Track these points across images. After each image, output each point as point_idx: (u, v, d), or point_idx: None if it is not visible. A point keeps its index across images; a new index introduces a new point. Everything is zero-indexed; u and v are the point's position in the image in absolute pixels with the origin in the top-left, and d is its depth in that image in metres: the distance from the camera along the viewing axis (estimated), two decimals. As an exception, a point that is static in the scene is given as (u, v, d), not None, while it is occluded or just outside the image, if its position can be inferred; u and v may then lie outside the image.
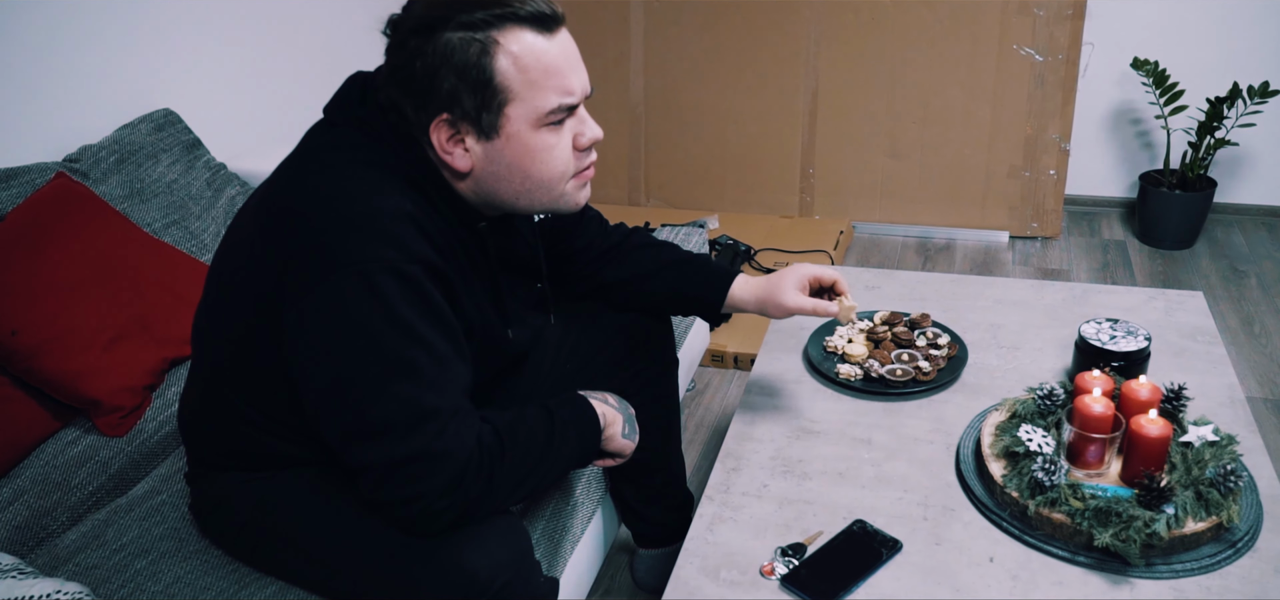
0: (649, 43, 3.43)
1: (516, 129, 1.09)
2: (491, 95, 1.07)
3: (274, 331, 1.07)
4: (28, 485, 1.48)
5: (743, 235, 3.22)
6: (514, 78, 1.07)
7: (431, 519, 1.03)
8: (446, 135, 1.10)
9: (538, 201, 1.16)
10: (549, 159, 1.12)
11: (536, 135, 1.11)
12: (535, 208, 1.17)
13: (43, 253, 1.73)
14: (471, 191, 1.15)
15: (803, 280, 1.40)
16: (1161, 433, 1.17)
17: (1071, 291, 1.79)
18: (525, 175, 1.13)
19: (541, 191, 1.15)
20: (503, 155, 1.11)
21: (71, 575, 1.29)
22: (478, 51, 1.05)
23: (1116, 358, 1.42)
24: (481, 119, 1.08)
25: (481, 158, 1.11)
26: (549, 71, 1.08)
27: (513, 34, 1.07)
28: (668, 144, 3.52)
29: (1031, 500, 1.17)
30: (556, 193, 1.16)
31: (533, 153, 1.11)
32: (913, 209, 3.33)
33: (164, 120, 2.34)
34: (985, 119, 3.18)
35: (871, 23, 3.19)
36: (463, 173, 1.12)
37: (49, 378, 1.61)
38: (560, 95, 1.10)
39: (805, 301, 1.39)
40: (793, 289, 1.40)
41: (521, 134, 1.10)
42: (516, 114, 1.09)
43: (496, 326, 1.24)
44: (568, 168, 1.15)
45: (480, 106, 1.07)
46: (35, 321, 1.62)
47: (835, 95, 3.30)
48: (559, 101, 1.10)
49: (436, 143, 1.10)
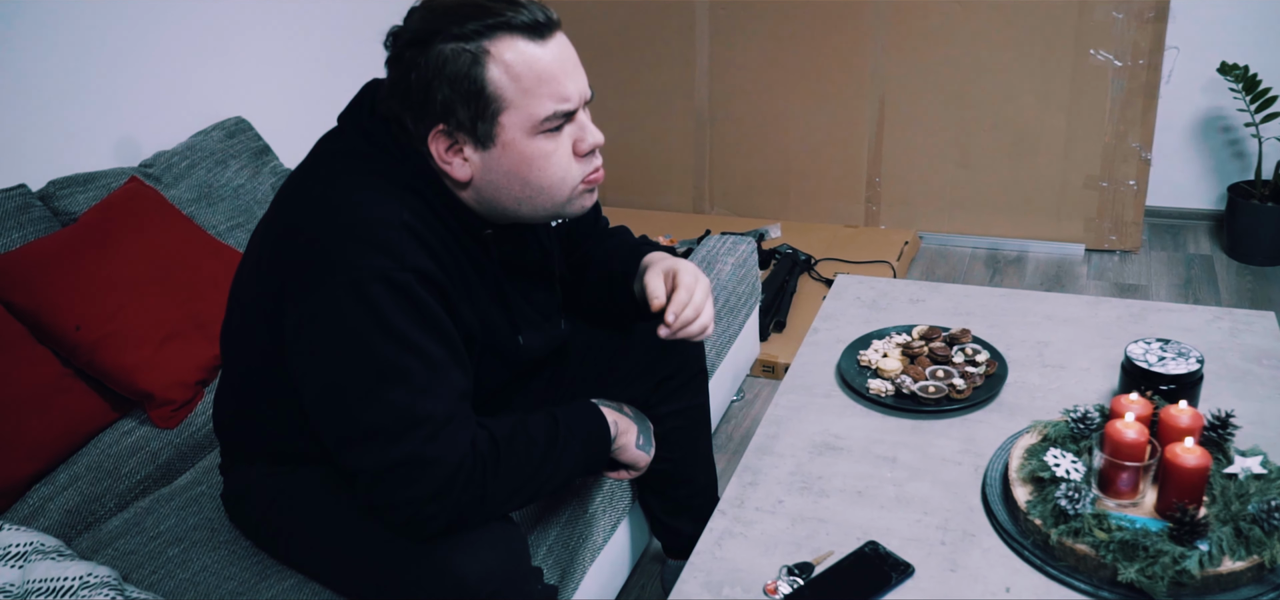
0: (714, 49, 3.41)
1: (512, 137, 1.10)
2: (485, 104, 1.08)
3: (280, 337, 1.11)
4: (82, 472, 1.56)
5: (805, 244, 3.18)
6: (507, 86, 1.08)
7: (422, 524, 1.04)
8: (444, 145, 1.11)
9: (541, 208, 1.16)
10: (547, 165, 1.12)
11: (533, 142, 1.11)
12: (539, 214, 1.17)
13: (109, 252, 1.82)
14: (474, 200, 1.16)
15: (670, 273, 1.30)
16: (1199, 463, 1.10)
17: (1129, 309, 1.70)
18: (524, 183, 1.13)
19: (542, 197, 1.15)
20: (500, 164, 1.11)
21: (109, 559, 1.35)
22: (469, 62, 1.06)
23: (1165, 380, 1.34)
24: (477, 129, 1.09)
25: (480, 167, 1.12)
26: (542, 78, 1.09)
27: (505, 43, 1.07)
28: (732, 151, 3.50)
29: (1054, 529, 1.12)
30: (558, 198, 1.16)
31: (530, 160, 1.11)
32: (983, 219, 3.23)
33: (235, 127, 2.44)
34: (1060, 127, 3.06)
35: (941, 28, 3.10)
36: (463, 182, 1.14)
37: (108, 371, 1.69)
38: (555, 102, 1.10)
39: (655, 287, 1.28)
40: (657, 275, 1.30)
41: (517, 142, 1.10)
42: (511, 122, 1.09)
43: (504, 333, 1.25)
44: (568, 173, 1.14)
45: (475, 116, 1.08)
46: (97, 317, 1.71)
47: (903, 102, 3.22)
48: (554, 108, 1.10)
49: (435, 153, 1.11)
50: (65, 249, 1.77)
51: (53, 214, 1.92)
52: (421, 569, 1.07)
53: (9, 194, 1.84)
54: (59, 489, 1.51)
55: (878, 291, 1.84)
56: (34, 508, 1.47)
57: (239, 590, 1.27)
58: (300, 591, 1.26)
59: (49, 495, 1.50)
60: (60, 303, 1.69)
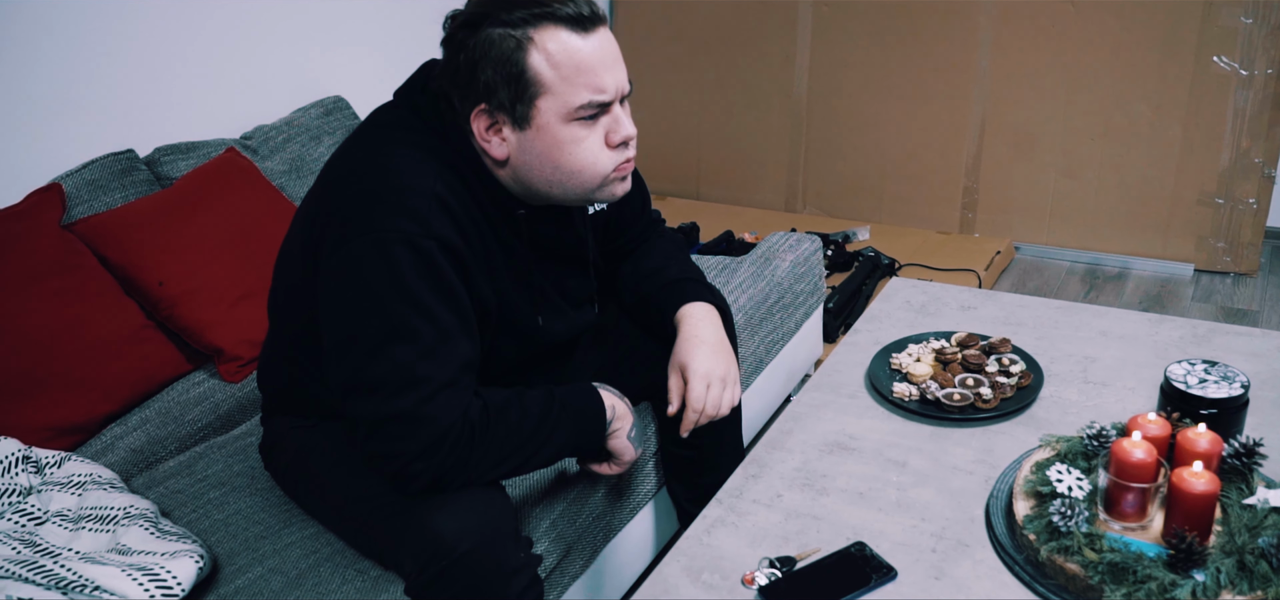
0: (815, 47, 3.36)
1: (547, 121, 1.15)
2: (524, 88, 1.14)
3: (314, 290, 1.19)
4: (152, 416, 1.69)
5: (893, 248, 3.10)
6: (546, 73, 1.13)
7: (409, 479, 1.10)
8: (485, 124, 1.17)
9: (571, 191, 1.21)
10: (577, 151, 1.17)
11: (566, 128, 1.16)
12: (570, 197, 1.22)
13: (196, 215, 1.96)
14: (511, 179, 1.22)
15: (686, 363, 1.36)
16: (1207, 488, 1.03)
17: (1194, 329, 1.60)
18: (555, 166, 1.18)
19: (573, 181, 1.20)
20: (534, 145, 1.17)
21: (158, 496, 1.47)
22: (513, 46, 1.12)
23: (1206, 404, 1.26)
24: (516, 110, 1.15)
25: (516, 147, 1.18)
26: (581, 69, 1.14)
27: (549, 32, 1.13)
28: (828, 151, 3.44)
29: (1045, 544, 1.07)
30: (589, 183, 1.21)
31: (562, 144, 1.16)
32: (1084, 232, 3.07)
33: (333, 105, 2.58)
34: (1175, 138, 2.88)
35: (1049, 29, 2.97)
36: (501, 161, 1.20)
37: (184, 325, 1.83)
38: (591, 92, 1.15)
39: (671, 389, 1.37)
40: (674, 371, 1.38)
41: (552, 126, 1.15)
42: (547, 107, 1.15)
43: (524, 312, 1.29)
44: (599, 160, 1.19)
45: (515, 98, 1.14)
46: (179, 274, 1.85)
47: (1006, 106, 3.10)
48: (590, 98, 1.15)
49: (476, 131, 1.18)
50: (158, 211, 1.93)
51: (155, 178, 2.08)
52: (405, 522, 1.13)
53: (117, 157, 2.01)
54: (129, 430, 1.65)
55: (929, 296, 1.79)
56: (105, 444, 1.61)
57: (263, 534, 1.36)
58: (317, 540, 1.34)
59: (119, 434, 1.63)
60: (147, 260, 1.83)
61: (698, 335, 1.37)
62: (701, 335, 1.37)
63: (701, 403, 1.35)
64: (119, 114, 2.14)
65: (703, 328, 1.38)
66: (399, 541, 1.14)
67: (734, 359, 1.42)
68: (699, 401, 1.35)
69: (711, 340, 1.37)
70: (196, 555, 1.24)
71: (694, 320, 1.39)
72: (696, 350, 1.36)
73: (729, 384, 1.38)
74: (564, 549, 1.41)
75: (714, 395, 1.36)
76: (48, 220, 1.79)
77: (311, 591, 1.23)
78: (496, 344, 1.28)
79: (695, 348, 1.36)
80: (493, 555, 1.12)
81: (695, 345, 1.36)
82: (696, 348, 1.36)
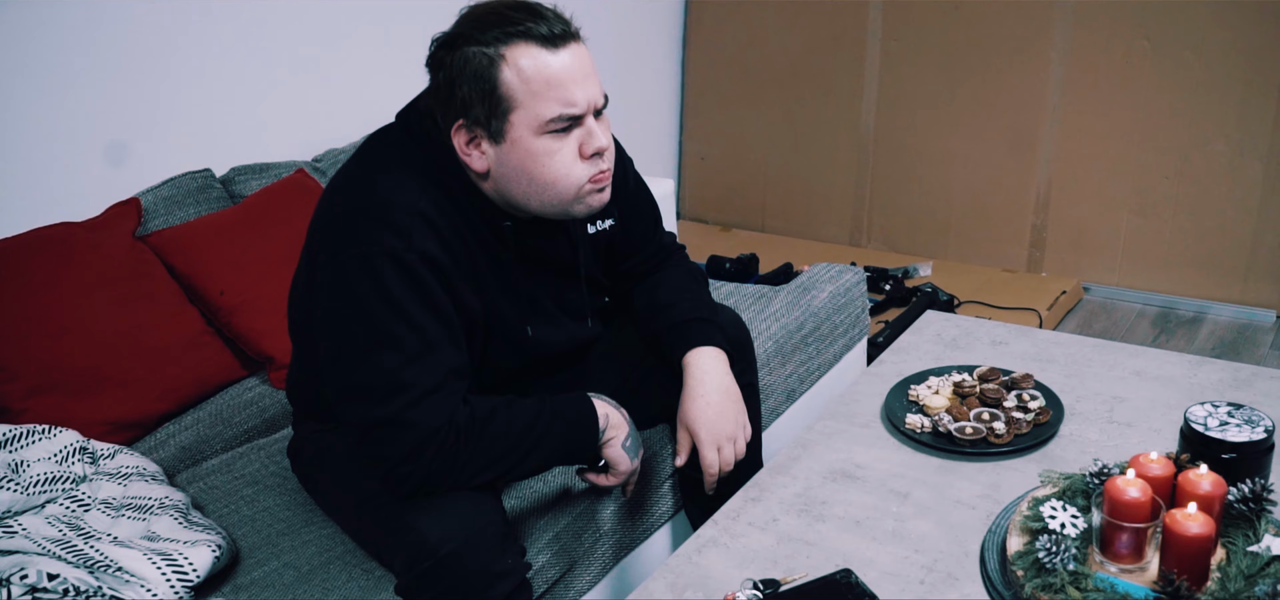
0: (883, 81, 3.34)
1: (520, 134, 1.20)
2: (497, 103, 1.18)
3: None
4: (204, 416, 1.80)
5: (956, 285, 3.04)
6: (517, 88, 1.18)
7: (399, 481, 1.15)
8: (465, 139, 1.22)
9: (548, 202, 1.25)
10: (550, 163, 1.21)
11: (538, 141, 1.20)
12: (548, 209, 1.26)
13: (260, 232, 2.08)
14: (494, 192, 1.27)
15: (693, 428, 1.39)
16: (1201, 531, 1.00)
17: (1237, 373, 1.53)
18: (530, 178, 1.22)
19: (548, 193, 1.24)
20: (510, 158, 1.22)
21: (198, 491, 1.56)
22: (487, 63, 1.18)
23: (1226, 448, 1.21)
24: (491, 124, 1.20)
25: (494, 160, 1.23)
26: (551, 83, 1.18)
27: (520, 49, 1.18)
28: (894, 186, 3.41)
29: (1031, 582, 1.05)
30: (564, 194, 1.24)
31: (536, 157, 1.21)
32: (1158, 275, 2.95)
33: (399, 132, 2.68)
34: (1256, 177, 2.75)
35: (1124, 65, 2.88)
36: (482, 174, 1.24)
37: (240, 333, 1.94)
38: (561, 105, 1.19)
39: (679, 443, 1.41)
40: (682, 429, 1.40)
41: (525, 139, 1.20)
42: (520, 121, 1.19)
43: (511, 322, 1.33)
44: (572, 172, 1.23)
45: (489, 113, 1.19)
46: (239, 284, 1.96)
47: (1078, 143, 3.01)
48: (560, 110, 1.19)
49: (458, 146, 1.23)
50: (224, 225, 2.05)
51: (228, 196, 2.22)
52: (396, 524, 1.18)
53: (194, 175, 2.14)
54: (182, 428, 1.75)
55: (961, 330, 1.76)
56: (159, 441, 1.72)
57: (284, 531, 1.43)
58: (332, 539, 1.40)
59: (173, 432, 1.74)
60: (210, 270, 1.95)
61: (702, 391, 1.39)
62: (705, 391, 1.39)
63: (714, 467, 1.40)
64: (199, 133, 2.29)
65: (707, 381, 1.39)
66: (391, 541, 1.19)
67: (742, 404, 1.43)
68: (712, 466, 1.40)
69: (715, 395, 1.39)
70: (215, 546, 1.31)
71: (700, 371, 1.40)
72: (702, 412, 1.38)
73: (738, 437, 1.42)
74: (568, 563, 1.43)
75: (726, 455, 1.41)
76: (122, 231, 1.93)
77: (318, 587, 1.29)
78: (488, 353, 1.33)
79: (700, 409, 1.38)
80: (477, 558, 1.15)
81: (700, 405, 1.38)
82: (702, 409, 1.38)
